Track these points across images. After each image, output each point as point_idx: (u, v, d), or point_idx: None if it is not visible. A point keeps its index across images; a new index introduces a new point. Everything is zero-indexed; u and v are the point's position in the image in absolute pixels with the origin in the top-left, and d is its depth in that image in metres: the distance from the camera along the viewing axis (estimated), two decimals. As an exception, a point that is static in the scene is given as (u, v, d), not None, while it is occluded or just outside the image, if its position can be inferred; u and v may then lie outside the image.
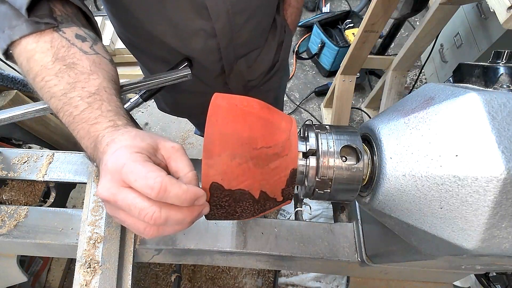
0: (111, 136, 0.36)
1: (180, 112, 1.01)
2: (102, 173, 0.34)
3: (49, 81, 0.41)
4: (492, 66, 0.37)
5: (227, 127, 0.35)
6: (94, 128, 0.38)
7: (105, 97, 0.41)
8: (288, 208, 1.18)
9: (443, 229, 0.32)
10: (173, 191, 0.31)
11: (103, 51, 0.47)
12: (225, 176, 0.35)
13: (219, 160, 0.34)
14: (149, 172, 0.31)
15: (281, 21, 0.79)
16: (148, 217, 0.31)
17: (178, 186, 0.32)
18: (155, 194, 0.30)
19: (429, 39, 1.40)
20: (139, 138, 0.35)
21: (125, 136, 0.36)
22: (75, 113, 0.40)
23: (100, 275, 0.55)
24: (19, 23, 0.42)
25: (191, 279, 1.17)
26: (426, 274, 0.65)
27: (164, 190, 0.30)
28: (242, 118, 0.36)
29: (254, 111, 0.38)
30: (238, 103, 0.38)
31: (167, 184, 0.31)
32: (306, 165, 0.39)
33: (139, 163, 0.32)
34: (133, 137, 0.35)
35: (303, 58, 2.34)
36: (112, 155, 0.33)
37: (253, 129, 0.36)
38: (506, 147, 0.28)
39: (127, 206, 0.31)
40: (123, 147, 0.34)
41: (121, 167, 0.31)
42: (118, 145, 0.34)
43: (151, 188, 0.30)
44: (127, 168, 0.31)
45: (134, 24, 0.64)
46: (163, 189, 0.30)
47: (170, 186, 0.31)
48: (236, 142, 0.35)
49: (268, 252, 0.61)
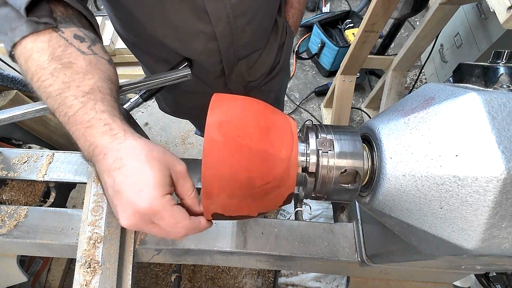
0: (113, 151, 0.37)
1: (181, 112, 1.01)
2: (123, 205, 0.36)
3: (45, 80, 0.41)
4: (492, 66, 0.37)
5: (224, 170, 0.35)
6: (88, 132, 0.39)
7: (99, 96, 0.41)
8: (288, 208, 1.18)
9: (443, 229, 0.32)
10: (190, 233, 0.39)
11: (101, 51, 0.47)
12: (225, 209, 0.39)
13: (218, 199, 0.37)
14: (178, 223, 0.37)
15: (283, 23, 0.79)
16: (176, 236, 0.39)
17: (193, 229, 0.39)
18: (180, 237, 0.39)
19: (429, 39, 1.40)
20: (156, 168, 0.37)
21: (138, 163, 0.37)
22: (70, 114, 0.40)
23: (100, 275, 0.55)
24: (19, 24, 0.42)
25: (191, 279, 1.17)
26: (426, 274, 0.65)
27: (186, 235, 0.39)
28: (239, 157, 0.35)
29: (252, 144, 0.35)
30: (235, 131, 0.35)
31: (189, 230, 0.39)
32: (306, 164, 0.39)
33: (170, 211, 0.37)
34: (150, 166, 0.37)
35: (303, 58, 2.34)
36: (139, 196, 0.36)
37: (251, 169, 0.35)
38: (506, 147, 0.28)
39: (153, 233, 0.39)
40: (149, 188, 0.36)
41: (154, 213, 0.36)
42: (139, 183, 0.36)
43: (177, 234, 0.38)
44: (160, 216, 0.36)
45: (135, 25, 0.64)
46: (186, 235, 0.39)
47: (189, 231, 0.39)
48: (234, 185, 0.36)
49: (268, 252, 0.61)
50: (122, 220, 0.37)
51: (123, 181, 0.36)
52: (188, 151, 1.78)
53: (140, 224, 0.37)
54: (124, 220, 0.37)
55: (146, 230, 0.38)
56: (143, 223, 0.37)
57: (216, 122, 0.35)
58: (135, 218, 0.36)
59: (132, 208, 0.36)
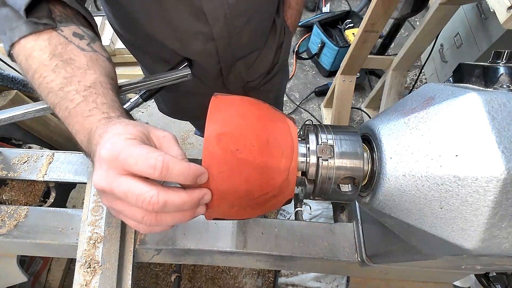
0: (104, 127, 0.36)
1: (180, 113, 1.01)
2: (96, 163, 0.33)
3: (46, 77, 0.41)
4: (492, 66, 0.37)
5: (223, 184, 0.35)
6: (88, 120, 0.38)
7: (100, 91, 0.41)
8: (288, 208, 1.18)
9: (443, 229, 0.32)
10: (176, 167, 0.30)
11: (101, 49, 0.47)
12: (225, 216, 0.39)
13: (218, 208, 0.37)
14: (149, 153, 0.30)
15: (281, 23, 0.79)
16: (146, 202, 0.30)
17: (180, 163, 0.31)
18: (158, 173, 0.30)
19: (429, 39, 1.40)
20: (131, 125, 0.35)
21: (117, 125, 0.35)
22: (71, 107, 0.40)
23: (100, 275, 0.55)
24: (18, 24, 0.42)
25: (191, 279, 1.17)
26: (426, 274, 0.65)
27: (167, 168, 0.30)
28: (238, 170, 0.35)
29: (251, 157, 0.35)
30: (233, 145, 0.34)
31: (169, 161, 0.30)
32: (306, 164, 0.39)
33: (137, 146, 0.31)
34: (125, 125, 0.35)
35: (303, 58, 2.34)
36: (105, 144, 0.32)
37: (250, 182, 0.35)
38: (506, 147, 0.28)
39: (124, 193, 0.30)
40: (116, 134, 0.33)
41: (117, 153, 0.31)
42: (110, 134, 0.34)
43: (153, 167, 0.30)
44: (125, 153, 0.30)
45: (134, 25, 0.64)
46: (165, 167, 0.30)
47: (172, 163, 0.30)
48: (233, 196, 0.36)
49: (268, 252, 0.61)
50: (93, 178, 0.32)
51: (100, 142, 0.34)
52: (188, 151, 1.78)
53: (110, 175, 0.31)
54: (94, 176, 0.32)
55: (120, 188, 0.31)
56: (112, 173, 0.31)
57: (215, 134, 0.35)
58: (102, 168, 0.31)
59: (99, 160, 0.32)
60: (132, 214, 0.32)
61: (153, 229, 0.34)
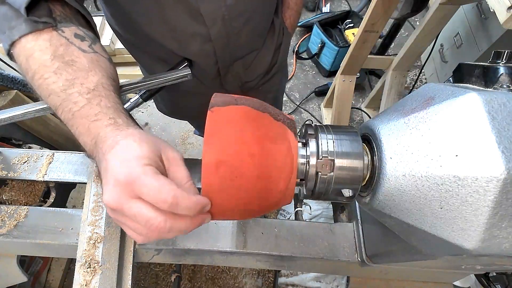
0: (113, 136, 0.37)
1: (179, 113, 1.01)
2: (107, 180, 0.34)
3: (47, 78, 0.41)
4: (492, 66, 0.37)
5: (222, 205, 0.37)
6: (94, 125, 0.38)
7: (104, 93, 0.41)
8: (288, 208, 1.18)
9: (443, 229, 0.32)
10: (184, 203, 0.33)
11: (101, 50, 0.47)
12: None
13: (218, 218, 0.39)
14: (162, 186, 0.32)
15: (280, 23, 0.79)
16: (153, 226, 0.33)
17: (189, 198, 0.33)
18: (167, 206, 0.32)
19: (429, 39, 1.40)
20: (145, 145, 0.36)
21: (130, 141, 0.36)
22: (75, 109, 0.40)
23: (100, 275, 0.55)
24: (18, 23, 0.42)
25: (191, 279, 1.17)
26: (426, 274, 0.65)
27: (176, 204, 0.32)
28: (237, 196, 0.36)
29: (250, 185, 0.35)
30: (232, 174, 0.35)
31: (179, 198, 0.32)
32: (306, 165, 0.39)
33: (152, 177, 0.33)
34: (139, 144, 0.35)
35: (303, 58, 2.34)
36: (121, 165, 0.34)
37: (249, 203, 0.37)
38: (506, 147, 0.28)
39: (134, 215, 0.33)
40: (133, 158, 0.34)
41: (133, 180, 0.33)
42: (125, 154, 0.34)
43: (164, 202, 0.32)
44: (141, 182, 0.32)
45: (132, 25, 0.64)
46: (174, 203, 0.32)
47: (181, 199, 0.33)
48: (232, 212, 0.38)
49: (268, 252, 0.61)
50: (104, 196, 0.34)
51: (112, 157, 0.35)
52: (188, 151, 1.78)
53: (122, 198, 0.33)
54: (106, 194, 0.34)
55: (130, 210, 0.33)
56: (125, 197, 0.33)
57: (213, 161, 0.35)
58: (115, 189, 0.33)
59: (113, 179, 0.33)
60: (138, 229, 0.34)
61: (150, 240, 0.36)
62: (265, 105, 0.40)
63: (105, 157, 0.35)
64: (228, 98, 0.38)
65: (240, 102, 0.38)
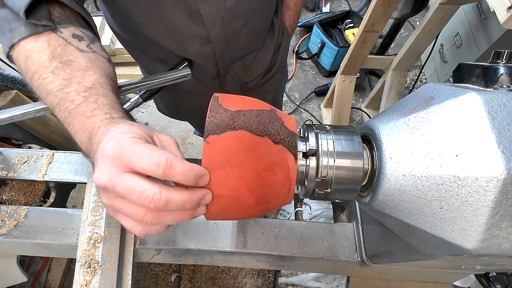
0: (107, 126, 0.36)
1: (178, 114, 1.01)
2: (98, 160, 0.33)
3: (45, 78, 0.41)
4: (492, 66, 0.37)
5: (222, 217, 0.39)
6: (90, 120, 0.38)
7: (101, 92, 0.41)
8: (288, 208, 1.18)
9: (443, 229, 0.32)
10: (178, 167, 0.31)
11: (100, 50, 0.47)
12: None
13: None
14: (153, 151, 0.31)
15: (279, 24, 0.79)
16: (149, 199, 0.30)
17: (183, 163, 0.31)
18: (161, 170, 0.30)
19: (429, 39, 1.40)
20: (136, 126, 0.35)
21: (121, 124, 0.35)
22: (71, 107, 0.40)
23: (100, 275, 0.55)
24: (18, 25, 0.42)
25: (191, 279, 1.17)
26: (426, 274, 0.65)
27: (170, 167, 0.30)
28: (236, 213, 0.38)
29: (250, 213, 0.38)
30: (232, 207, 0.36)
31: (173, 160, 0.30)
32: (306, 165, 0.39)
33: (141, 144, 0.31)
34: (130, 125, 0.35)
35: (303, 58, 2.34)
36: (110, 141, 0.32)
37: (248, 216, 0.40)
38: (506, 147, 0.28)
39: (126, 190, 0.30)
40: (121, 132, 0.33)
41: (122, 150, 0.31)
42: (114, 132, 0.34)
43: (157, 165, 0.30)
44: (130, 150, 0.31)
45: (132, 26, 0.64)
46: (169, 166, 0.30)
47: (175, 162, 0.30)
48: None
49: (268, 252, 0.61)
50: (94, 175, 0.32)
51: (103, 140, 0.34)
52: (188, 151, 1.78)
53: (112, 172, 0.31)
54: (96, 173, 0.32)
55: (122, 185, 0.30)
56: (115, 170, 0.31)
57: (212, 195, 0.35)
58: (105, 165, 0.31)
59: (102, 156, 0.32)
60: (133, 212, 0.32)
61: (150, 229, 0.33)
62: (264, 122, 0.36)
63: (97, 145, 0.34)
64: (224, 119, 0.35)
65: (238, 122, 0.35)
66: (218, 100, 0.37)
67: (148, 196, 0.30)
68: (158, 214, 0.32)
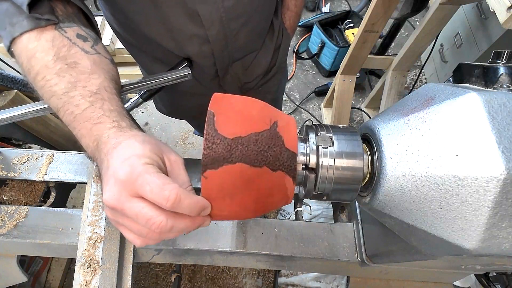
0: (116, 138, 0.37)
1: (178, 114, 1.01)
2: (109, 180, 0.34)
3: (50, 80, 0.41)
4: (492, 66, 0.37)
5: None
6: (97, 127, 0.38)
7: (106, 96, 0.41)
8: (288, 208, 1.18)
9: (443, 229, 0.32)
10: (186, 202, 0.33)
11: (104, 51, 0.47)
12: None
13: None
14: (165, 185, 0.32)
15: (279, 25, 0.79)
16: (155, 226, 0.32)
17: (190, 197, 0.33)
18: (170, 204, 0.32)
19: (429, 39, 1.40)
20: (147, 145, 0.36)
21: (132, 141, 0.36)
22: (77, 112, 0.40)
23: (100, 275, 0.55)
24: (20, 19, 0.42)
25: (191, 279, 1.17)
26: (426, 274, 0.65)
27: (178, 201, 0.32)
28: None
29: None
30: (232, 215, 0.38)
31: (182, 195, 0.32)
32: (306, 165, 0.39)
33: (154, 175, 0.33)
34: (142, 144, 0.35)
35: (303, 58, 2.34)
36: (123, 164, 0.33)
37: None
38: (506, 147, 0.28)
39: (135, 215, 0.32)
40: (134, 156, 0.34)
41: (135, 178, 0.32)
42: (127, 152, 0.34)
43: (166, 199, 0.31)
44: (143, 180, 0.32)
45: (130, 25, 0.64)
46: (177, 201, 0.32)
47: (184, 197, 0.32)
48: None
49: (268, 252, 0.61)
50: (104, 195, 0.33)
51: (114, 157, 0.35)
52: (188, 151, 1.78)
53: (123, 196, 0.32)
54: (106, 193, 0.33)
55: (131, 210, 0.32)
56: (125, 195, 0.32)
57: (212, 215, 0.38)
58: (116, 188, 0.33)
59: (114, 178, 0.33)
60: (138, 230, 0.34)
61: (150, 242, 0.36)
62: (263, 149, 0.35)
63: (107, 157, 0.35)
64: (221, 151, 0.34)
65: (235, 154, 0.34)
66: (214, 122, 0.34)
67: (155, 223, 0.32)
68: (161, 235, 0.34)
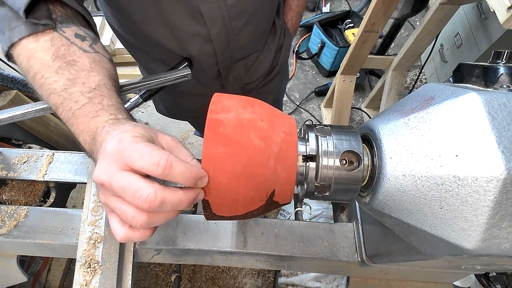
0: (112, 126, 0.36)
1: (178, 114, 1.01)
2: (100, 157, 0.33)
3: (49, 78, 0.41)
4: (492, 66, 0.37)
5: None
6: (94, 121, 0.38)
7: (105, 92, 0.41)
8: (288, 208, 1.18)
9: (443, 229, 0.32)
10: (178, 167, 0.30)
11: (102, 50, 0.47)
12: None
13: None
14: (154, 150, 0.30)
15: (281, 25, 0.79)
16: (143, 199, 0.29)
17: (183, 163, 0.31)
18: (161, 170, 0.29)
19: (429, 39, 1.40)
20: (140, 126, 0.35)
21: (126, 124, 0.36)
22: (75, 108, 0.40)
23: (100, 275, 0.55)
24: (18, 24, 0.42)
25: (191, 279, 1.17)
26: (426, 274, 0.65)
27: (170, 166, 0.30)
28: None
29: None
30: None
31: (173, 160, 0.30)
32: (306, 165, 0.39)
33: (143, 143, 0.31)
34: (134, 125, 0.35)
35: (303, 58, 2.34)
36: (112, 139, 0.32)
37: None
38: (506, 147, 0.28)
39: (121, 188, 0.30)
40: (124, 131, 0.33)
41: (123, 148, 0.31)
42: (118, 131, 0.34)
43: (156, 165, 0.29)
44: (131, 148, 0.30)
45: (131, 25, 0.64)
46: (169, 165, 0.30)
47: (175, 162, 0.30)
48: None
49: (268, 252, 0.61)
50: (94, 172, 0.32)
51: (107, 138, 0.34)
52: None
53: (111, 169, 0.30)
54: (95, 170, 0.32)
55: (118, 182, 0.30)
56: (114, 168, 0.30)
57: None
58: (104, 162, 0.31)
59: (103, 154, 0.32)
60: (123, 212, 0.31)
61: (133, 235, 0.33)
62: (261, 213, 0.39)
63: (101, 144, 0.34)
64: None
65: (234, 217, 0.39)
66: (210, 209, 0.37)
67: (143, 195, 0.29)
68: (149, 216, 0.31)
